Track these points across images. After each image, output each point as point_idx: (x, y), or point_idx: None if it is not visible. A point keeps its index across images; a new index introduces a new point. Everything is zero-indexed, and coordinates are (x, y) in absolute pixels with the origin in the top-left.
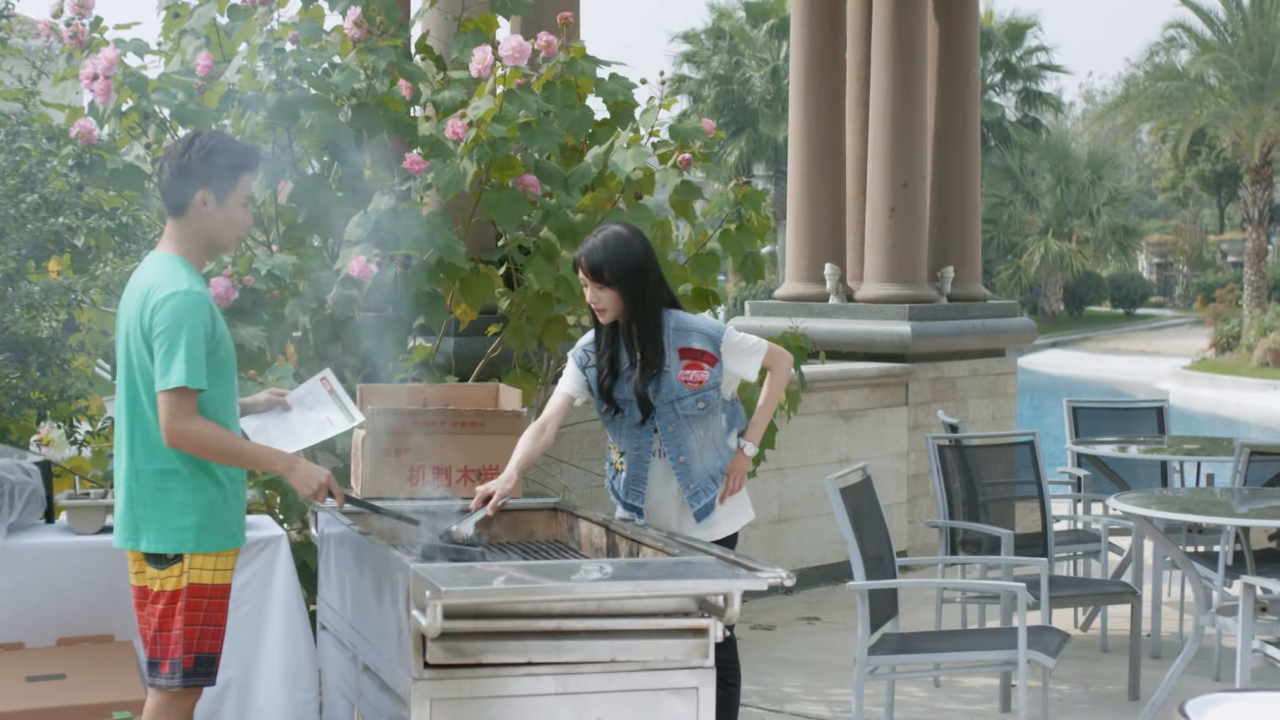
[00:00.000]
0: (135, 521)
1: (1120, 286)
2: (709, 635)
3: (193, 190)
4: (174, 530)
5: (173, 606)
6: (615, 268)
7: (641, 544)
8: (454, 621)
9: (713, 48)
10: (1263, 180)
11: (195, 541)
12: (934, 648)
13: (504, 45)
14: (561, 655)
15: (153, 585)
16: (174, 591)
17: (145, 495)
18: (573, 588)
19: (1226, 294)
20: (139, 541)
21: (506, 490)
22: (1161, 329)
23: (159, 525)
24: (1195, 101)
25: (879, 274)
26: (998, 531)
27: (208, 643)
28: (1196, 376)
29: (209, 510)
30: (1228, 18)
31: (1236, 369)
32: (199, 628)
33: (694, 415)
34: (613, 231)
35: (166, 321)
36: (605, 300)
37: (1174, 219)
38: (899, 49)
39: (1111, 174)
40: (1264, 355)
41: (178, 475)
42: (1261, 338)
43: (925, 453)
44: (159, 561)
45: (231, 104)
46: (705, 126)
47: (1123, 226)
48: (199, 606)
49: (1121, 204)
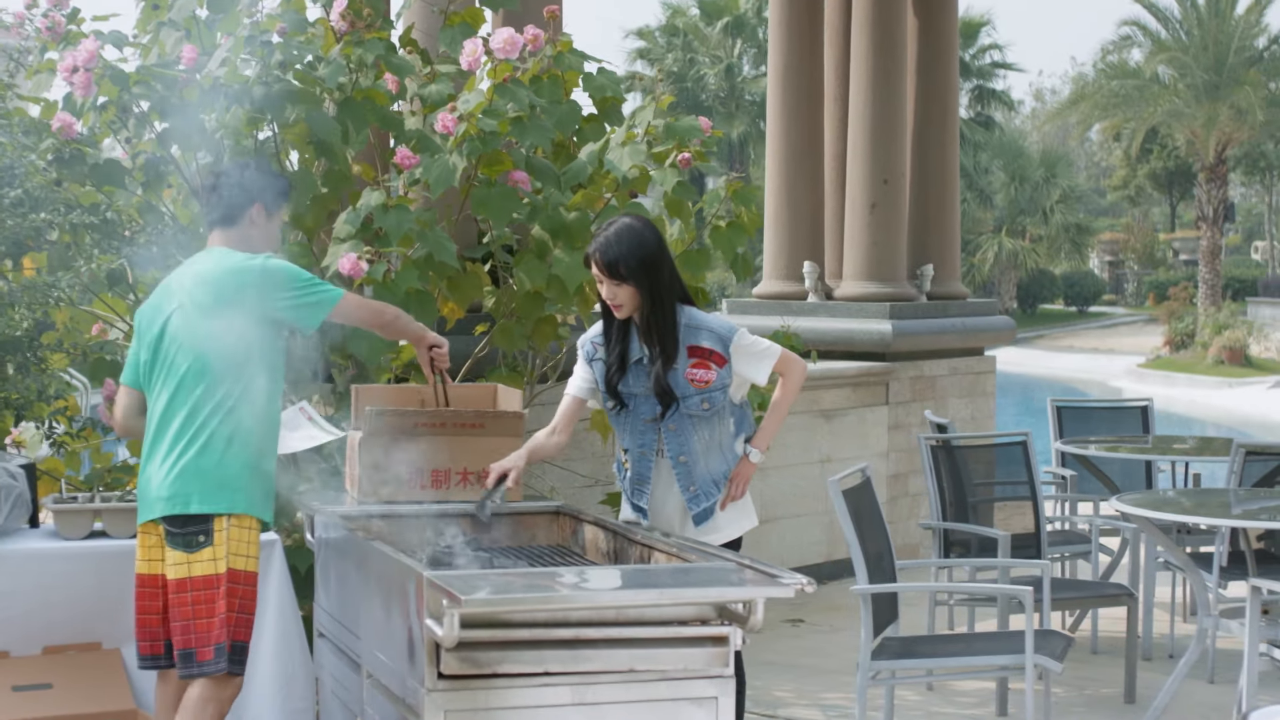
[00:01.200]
0: (185, 485)
1: (1073, 284)
2: (729, 643)
3: (250, 202)
4: (227, 492)
5: (213, 592)
6: (630, 262)
7: (653, 549)
8: (469, 630)
9: (666, 45)
10: (1217, 179)
11: (246, 504)
12: (938, 652)
13: (495, 38)
14: (579, 665)
15: (179, 572)
16: (211, 576)
17: (206, 458)
18: (596, 595)
19: (1180, 292)
20: (189, 504)
21: (520, 466)
22: (1114, 327)
23: (214, 486)
24: (1150, 100)
25: (859, 272)
26: (993, 533)
27: (243, 631)
28: (1152, 374)
29: (260, 474)
30: (1183, 16)
31: (1192, 367)
32: (235, 614)
33: (699, 416)
34: (624, 224)
35: (285, 269)
36: (622, 296)
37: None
38: (879, 43)
39: (1064, 172)
40: (1219, 353)
41: (237, 438)
42: (1217, 336)
43: (905, 453)
44: (188, 542)
45: (217, 97)
46: (702, 125)
47: (1075, 224)
48: (235, 593)
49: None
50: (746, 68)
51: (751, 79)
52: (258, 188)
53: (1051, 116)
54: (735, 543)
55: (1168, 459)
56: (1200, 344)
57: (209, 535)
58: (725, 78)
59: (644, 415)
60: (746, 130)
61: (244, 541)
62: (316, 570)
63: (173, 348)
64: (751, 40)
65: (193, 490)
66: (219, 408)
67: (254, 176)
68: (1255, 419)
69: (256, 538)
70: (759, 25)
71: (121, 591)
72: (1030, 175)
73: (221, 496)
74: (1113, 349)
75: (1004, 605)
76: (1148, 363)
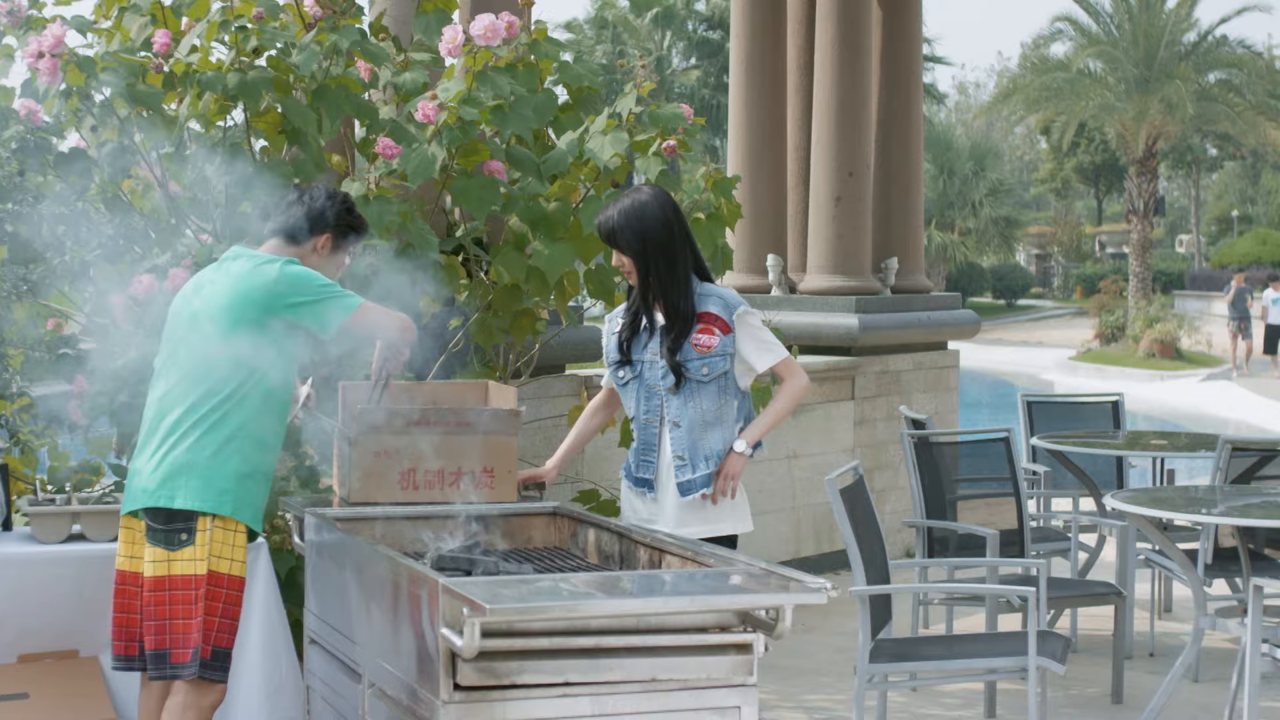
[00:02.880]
0: (172, 479)
1: (1002, 277)
2: (753, 651)
3: (321, 230)
4: (214, 491)
5: (192, 593)
6: (626, 233)
7: (664, 552)
8: (488, 640)
9: (595, 37)
10: (1148, 172)
11: (233, 507)
12: (937, 654)
13: (475, 24)
14: (599, 675)
15: (157, 570)
16: (191, 577)
17: (198, 454)
18: (626, 602)
19: (1110, 285)
20: (173, 498)
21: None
22: (1043, 319)
23: (202, 483)
24: (1081, 94)
25: (823, 265)
26: (981, 531)
27: (225, 636)
28: (1083, 367)
29: (253, 482)
30: (1114, 10)
31: (1123, 360)
32: (217, 619)
33: (699, 381)
34: (632, 198)
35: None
36: (627, 265)
37: (1046, 210)
38: (845, 34)
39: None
40: (1151, 346)
41: (234, 440)
42: (1148, 329)
43: (871, 448)
44: (170, 540)
45: (189, 85)
46: (684, 112)
47: (1004, 218)
48: (218, 597)
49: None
50: (676, 60)
51: (682, 71)
52: (334, 222)
53: (984, 110)
54: (729, 541)
55: (1148, 455)
56: (1131, 337)
57: (191, 534)
58: (656, 70)
59: (648, 381)
60: None
61: (228, 545)
62: (307, 575)
63: (183, 341)
64: (681, 33)
65: (179, 484)
66: (219, 407)
67: (337, 210)
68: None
69: (243, 542)
70: (689, 18)
71: (100, 597)
72: (959, 169)
73: (209, 495)
74: (1041, 341)
75: (992, 605)
76: (1078, 355)
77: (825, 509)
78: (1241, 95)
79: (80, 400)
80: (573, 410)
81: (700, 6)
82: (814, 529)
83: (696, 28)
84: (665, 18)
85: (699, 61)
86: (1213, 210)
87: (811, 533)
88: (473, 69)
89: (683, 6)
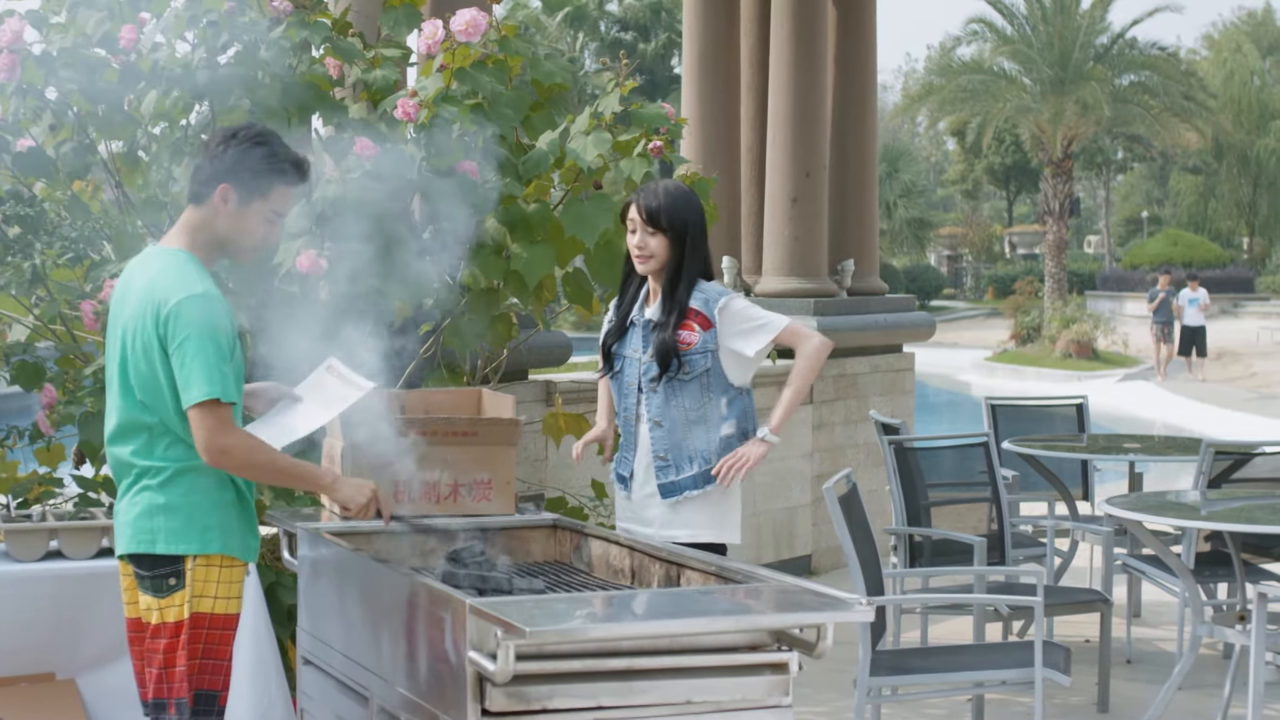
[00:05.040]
0: (150, 520)
1: (915, 279)
2: (789, 670)
3: (217, 182)
4: (198, 529)
5: (176, 640)
6: (672, 214)
7: (683, 567)
8: (520, 663)
9: None
10: (1063, 173)
11: (221, 543)
12: (936, 666)
13: (457, 19)
14: (633, 698)
15: (151, 617)
16: (178, 623)
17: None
18: (669, 624)
19: (1026, 286)
20: (154, 543)
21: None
22: (957, 320)
23: (183, 523)
24: (997, 96)
25: (779, 267)
26: (966, 539)
27: (208, 678)
28: (1000, 368)
29: (236, 509)
30: (1028, 12)
31: (1040, 360)
32: (199, 661)
33: (678, 380)
34: (674, 183)
35: (188, 329)
36: (654, 245)
37: (953, 211)
38: (800, 32)
39: (906, 167)
40: (1067, 347)
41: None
42: (1064, 329)
43: (829, 452)
44: (158, 586)
45: (158, 81)
46: (667, 112)
47: (917, 219)
48: (199, 639)
49: (915, 197)
50: (589, 62)
51: (594, 73)
52: (231, 166)
53: (899, 111)
54: (717, 550)
55: (1124, 458)
56: (1048, 338)
57: (180, 577)
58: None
59: (628, 379)
60: None
61: (214, 582)
62: (300, 592)
63: (124, 362)
64: (593, 34)
65: (158, 527)
66: (177, 439)
67: (234, 153)
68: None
69: (238, 576)
70: (601, 18)
71: (78, 618)
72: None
73: (191, 535)
74: (956, 343)
75: (979, 614)
76: (995, 356)
77: (785, 515)
78: (1156, 96)
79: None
80: (546, 417)
81: (613, 7)
82: (774, 535)
83: (609, 29)
84: (577, 18)
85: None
86: (1120, 211)
87: (771, 539)
88: (450, 66)
89: (595, 7)
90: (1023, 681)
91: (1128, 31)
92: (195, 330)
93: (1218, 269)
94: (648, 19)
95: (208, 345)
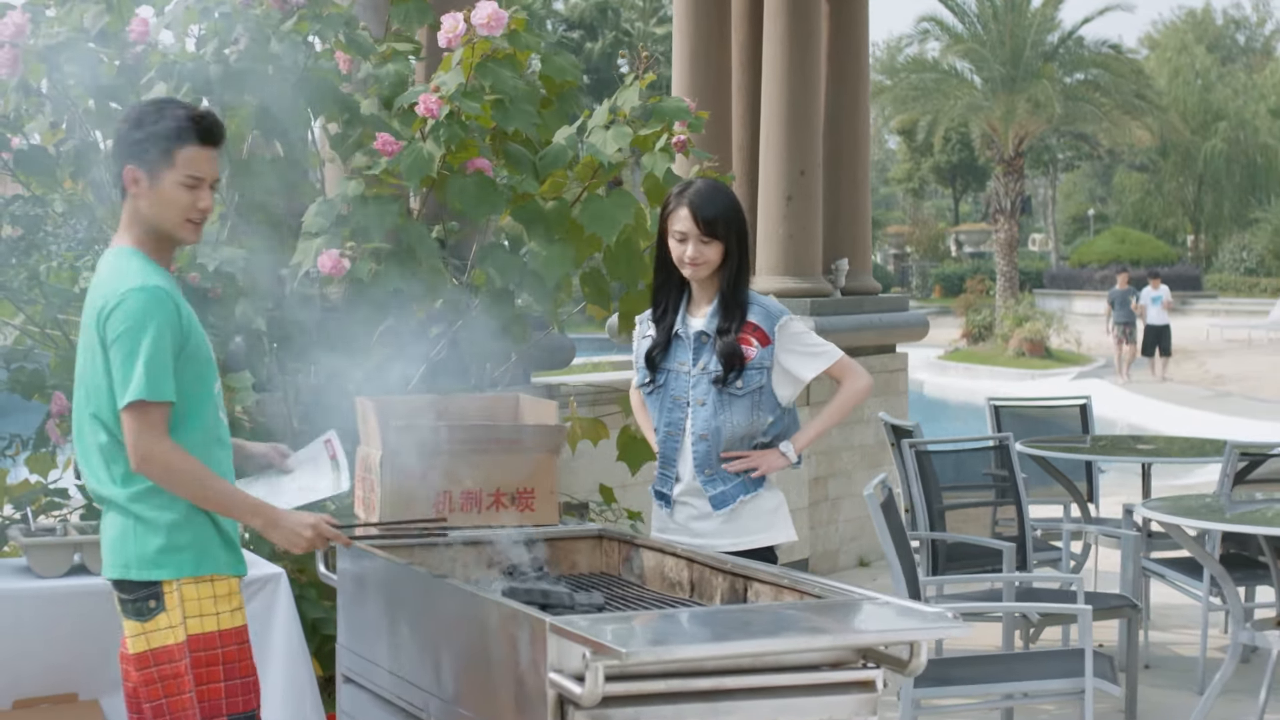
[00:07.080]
0: (121, 545)
1: None
2: (875, 689)
3: (121, 166)
4: (171, 550)
5: (178, 665)
6: (728, 218)
7: (750, 579)
8: (607, 685)
9: None
10: (1014, 172)
11: (195, 562)
12: (982, 677)
13: (478, 12)
14: (718, 718)
15: (136, 645)
16: (172, 647)
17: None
18: (767, 643)
19: (977, 284)
20: (127, 568)
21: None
22: None
23: (154, 548)
24: (948, 94)
25: (774, 266)
26: (996, 544)
27: (239, 700)
28: (953, 366)
29: (207, 517)
30: (979, 11)
31: (993, 359)
32: (221, 684)
33: (732, 394)
34: (716, 183)
35: (122, 325)
36: (711, 253)
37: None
38: (794, 28)
39: None
40: (1020, 345)
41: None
42: (1017, 328)
43: (825, 454)
44: (139, 610)
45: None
46: (688, 105)
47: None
48: (215, 660)
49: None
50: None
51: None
52: (128, 146)
53: None
54: (767, 553)
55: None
56: (1000, 336)
57: (160, 599)
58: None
59: (674, 392)
60: None
61: (203, 599)
62: (341, 607)
63: (80, 375)
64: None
65: (129, 552)
66: (105, 468)
67: (124, 132)
68: None
69: (232, 588)
70: (548, 17)
71: (101, 636)
72: None
73: (166, 558)
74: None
75: (1009, 622)
76: (947, 355)
77: None
78: (1108, 95)
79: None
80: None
81: (559, 6)
82: None
83: (555, 28)
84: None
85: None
86: (1064, 209)
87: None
88: (469, 60)
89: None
90: (1072, 692)
91: (1079, 29)
92: (128, 327)
93: (1165, 266)
94: (595, 18)
95: (142, 341)
